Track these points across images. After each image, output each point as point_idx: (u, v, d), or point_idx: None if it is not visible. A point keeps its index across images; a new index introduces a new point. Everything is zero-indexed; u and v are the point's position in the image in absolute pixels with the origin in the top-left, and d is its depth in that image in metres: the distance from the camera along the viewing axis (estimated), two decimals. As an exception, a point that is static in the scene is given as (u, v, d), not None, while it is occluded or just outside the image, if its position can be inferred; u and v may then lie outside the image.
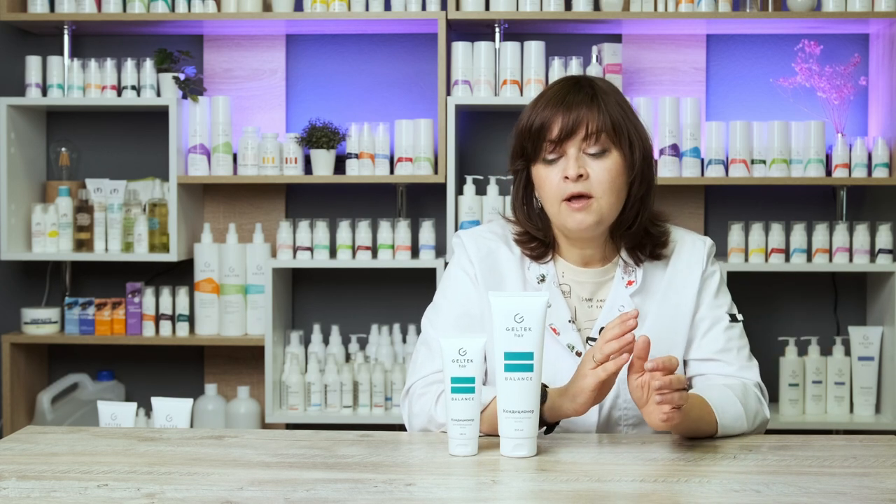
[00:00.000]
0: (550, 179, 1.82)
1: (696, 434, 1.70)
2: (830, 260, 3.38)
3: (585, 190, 1.80)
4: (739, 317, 1.93)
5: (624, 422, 1.87)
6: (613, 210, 1.84)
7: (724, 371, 1.87)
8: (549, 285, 1.88)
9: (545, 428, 1.73)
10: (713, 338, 1.89)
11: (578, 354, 1.85)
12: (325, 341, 3.58)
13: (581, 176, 1.79)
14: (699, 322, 1.90)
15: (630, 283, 1.88)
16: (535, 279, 1.89)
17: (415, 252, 3.49)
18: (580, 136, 1.80)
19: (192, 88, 3.45)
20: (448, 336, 1.63)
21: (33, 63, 3.47)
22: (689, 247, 1.93)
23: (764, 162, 3.38)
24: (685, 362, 1.91)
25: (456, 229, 3.36)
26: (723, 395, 1.76)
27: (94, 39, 3.67)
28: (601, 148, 1.81)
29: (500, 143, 3.61)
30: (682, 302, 1.89)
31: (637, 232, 1.88)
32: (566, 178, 1.80)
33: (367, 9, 3.42)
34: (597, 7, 3.41)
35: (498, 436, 1.62)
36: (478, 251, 1.91)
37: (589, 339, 1.87)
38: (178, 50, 3.49)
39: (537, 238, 1.90)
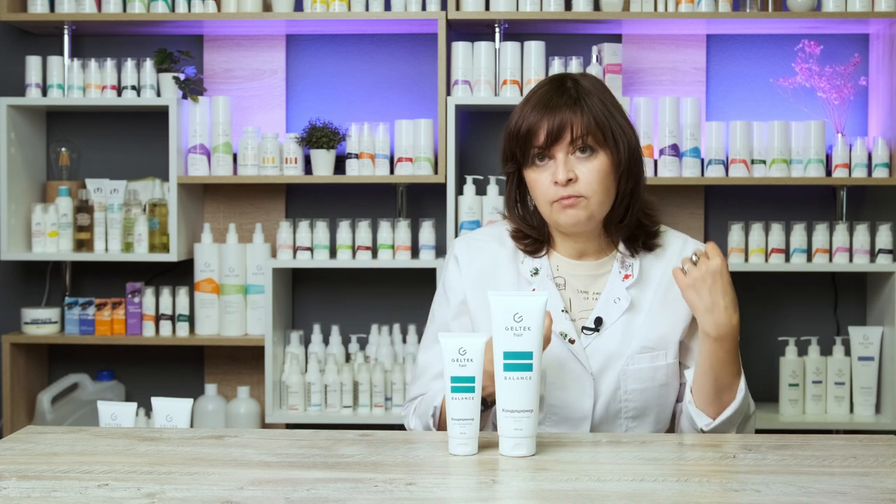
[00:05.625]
0: (541, 182, 1.87)
1: (735, 359, 1.82)
2: (830, 260, 3.38)
3: (575, 192, 1.85)
4: None
5: (624, 414, 1.90)
6: (604, 206, 1.88)
7: None
8: (542, 278, 1.93)
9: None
10: None
11: (572, 342, 1.89)
12: (325, 341, 3.58)
13: (570, 180, 1.84)
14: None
15: (627, 276, 1.93)
16: (529, 272, 1.94)
17: (415, 252, 3.49)
18: (566, 139, 1.84)
19: (192, 88, 3.45)
20: (448, 335, 1.63)
21: (33, 63, 3.47)
22: (692, 247, 1.97)
23: (764, 162, 3.38)
24: (681, 358, 1.95)
25: (456, 229, 3.36)
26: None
27: (94, 39, 3.67)
28: (588, 149, 1.85)
29: (500, 144, 3.60)
30: (680, 300, 1.91)
31: (629, 224, 1.92)
32: (556, 182, 1.84)
33: (367, 9, 3.42)
34: (597, 7, 3.41)
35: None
36: (468, 253, 1.98)
37: (584, 328, 1.90)
38: (178, 50, 3.49)
39: (531, 235, 1.95)
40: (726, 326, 1.80)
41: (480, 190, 3.47)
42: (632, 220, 1.92)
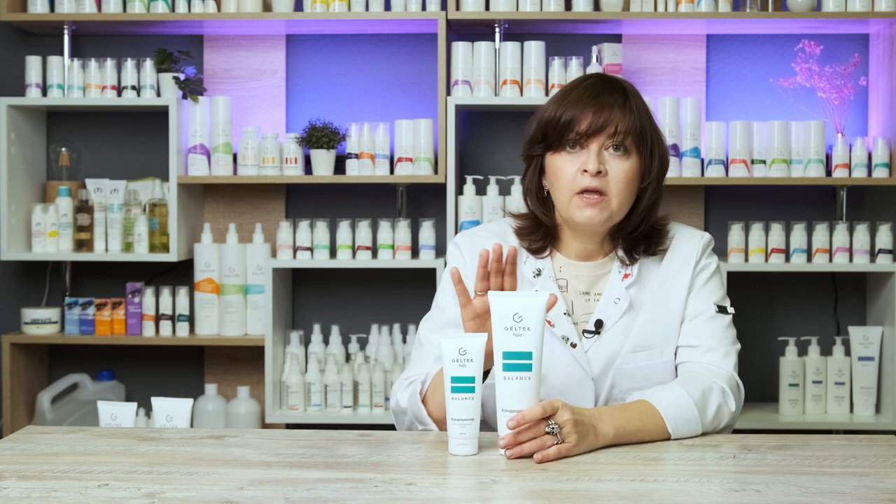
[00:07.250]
0: (567, 170, 1.85)
1: (641, 440, 1.69)
2: (830, 260, 3.38)
3: (601, 186, 1.83)
4: (730, 309, 1.93)
5: None
6: (623, 210, 1.87)
7: (701, 359, 1.87)
8: (545, 279, 1.91)
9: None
10: (694, 326, 1.90)
11: (573, 346, 1.88)
12: (325, 341, 3.58)
13: (600, 172, 1.82)
14: (686, 310, 1.92)
15: (626, 276, 1.92)
16: (532, 273, 1.92)
17: (415, 252, 3.49)
18: (607, 133, 1.83)
19: (192, 88, 3.45)
20: (448, 336, 1.63)
21: (33, 63, 3.47)
22: (686, 241, 1.96)
23: (764, 162, 3.38)
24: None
25: (456, 229, 3.36)
26: (676, 400, 1.74)
27: (94, 39, 3.67)
28: (624, 149, 1.84)
29: (500, 144, 3.61)
30: (675, 294, 1.92)
31: (638, 237, 1.91)
32: (585, 171, 1.82)
33: (367, 9, 3.42)
34: (597, 7, 3.41)
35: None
36: (472, 247, 1.95)
37: (585, 331, 1.89)
38: (178, 50, 3.49)
39: (541, 227, 1.92)
40: (603, 437, 1.66)
41: (480, 190, 3.47)
42: (641, 234, 1.91)
